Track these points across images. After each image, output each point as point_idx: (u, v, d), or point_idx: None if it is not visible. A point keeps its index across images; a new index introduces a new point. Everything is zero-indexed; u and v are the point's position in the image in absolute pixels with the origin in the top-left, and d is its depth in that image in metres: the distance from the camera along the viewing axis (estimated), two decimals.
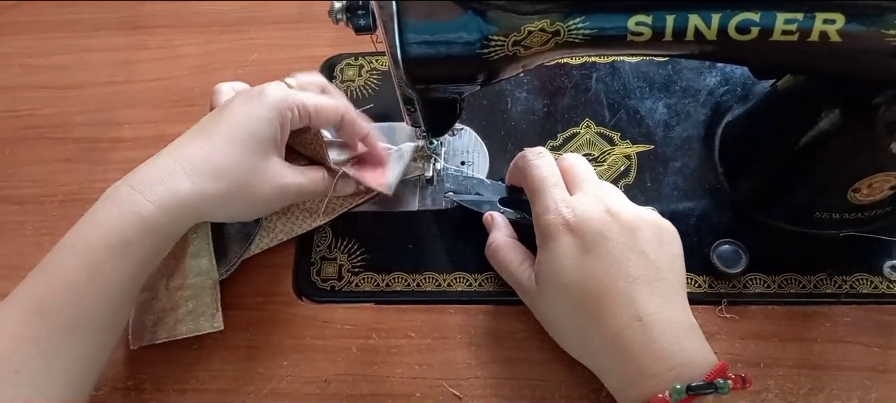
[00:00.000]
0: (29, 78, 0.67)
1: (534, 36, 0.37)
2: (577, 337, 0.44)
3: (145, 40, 0.68)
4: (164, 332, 0.49)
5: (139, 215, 0.41)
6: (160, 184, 0.42)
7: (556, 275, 0.43)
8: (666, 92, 0.58)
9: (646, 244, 0.42)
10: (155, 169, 0.43)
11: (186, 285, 0.49)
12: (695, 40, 0.37)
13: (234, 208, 0.46)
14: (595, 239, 0.42)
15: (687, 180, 0.54)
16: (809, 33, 0.36)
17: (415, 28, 0.36)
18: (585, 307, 0.42)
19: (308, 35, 0.66)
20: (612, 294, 0.41)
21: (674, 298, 0.41)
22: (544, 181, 0.45)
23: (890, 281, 0.49)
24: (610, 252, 0.41)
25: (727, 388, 0.37)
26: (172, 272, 0.49)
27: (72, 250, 0.41)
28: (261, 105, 0.45)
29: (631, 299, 0.40)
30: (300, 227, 0.53)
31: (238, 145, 0.44)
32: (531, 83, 0.60)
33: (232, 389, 0.49)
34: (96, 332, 0.42)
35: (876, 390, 0.45)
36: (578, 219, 0.43)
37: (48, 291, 0.41)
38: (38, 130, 0.63)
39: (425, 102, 0.44)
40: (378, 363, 0.49)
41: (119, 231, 0.41)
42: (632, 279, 0.41)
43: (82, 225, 0.42)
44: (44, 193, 0.60)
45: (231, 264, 0.51)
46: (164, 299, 0.49)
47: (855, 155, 0.45)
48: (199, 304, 0.49)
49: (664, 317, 0.40)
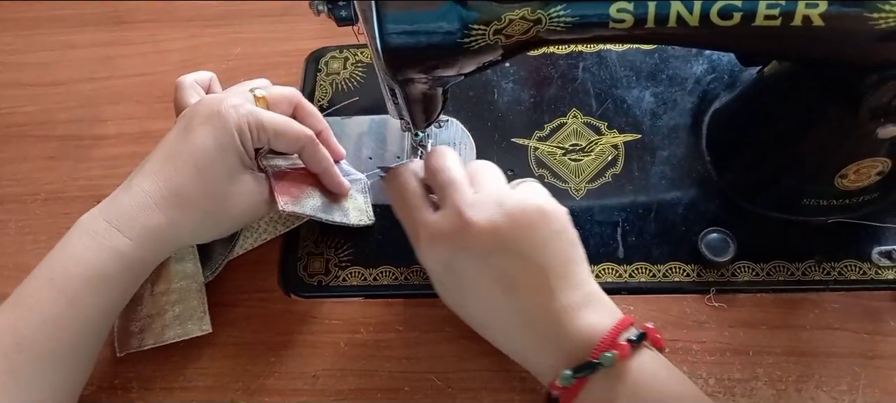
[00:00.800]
0: (10, 75, 0.66)
1: (515, 24, 0.36)
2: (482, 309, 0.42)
3: (128, 36, 0.67)
4: (151, 338, 0.48)
5: (118, 251, 0.42)
6: (136, 219, 0.43)
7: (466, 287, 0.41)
8: (653, 80, 0.58)
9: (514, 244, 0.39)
10: (129, 201, 0.43)
11: (172, 289, 0.48)
12: (677, 26, 0.36)
13: (211, 232, 0.47)
14: (454, 259, 0.40)
15: (674, 169, 0.54)
16: (792, 17, 0.35)
17: (394, 18, 0.36)
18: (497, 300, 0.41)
19: (292, 28, 0.65)
20: (497, 308, 0.40)
21: (560, 283, 0.39)
22: (410, 195, 0.44)
23: (878, 267, 0.48)
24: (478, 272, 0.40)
25: (611, 360, 0.37)
26: (157, 277, 0.48)
27: (50, 284, 0.42)
28: (222, 129, 0.44)
29: (515, 307, 0.40)
30: (284, 226, 0.53)
31: (203, 174, 0.43)
32: (517, 73, 0.60)
33: (220, 386, 0.49)
34: (74, 362, 0.43)
35: (865, 376, 0.45)
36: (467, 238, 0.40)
37: (25, 325, 0.41)
38: (21, 128, 0.63)
39: (409, 94, 0.44)
40: (366, 357, 0.49)
41: (98, 265, 0.42)
42: (511, 287, 0.39)
43: (59, 258, 0.42)
44: (26, 192, 0.59)
45: (216, 266, 0.51)
46: (149, 305, 0.49)
47: (841, 140, 0.45)
48: (186, 308, 0.48)
49: (553, 308, 0.39)
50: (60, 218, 0.57)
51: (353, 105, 0.60)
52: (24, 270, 0.55)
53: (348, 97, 0.60)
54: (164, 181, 0.43)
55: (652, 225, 0.52)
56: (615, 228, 0.52)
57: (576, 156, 0.55)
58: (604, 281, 0.50)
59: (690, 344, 0.47)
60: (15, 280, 0.54)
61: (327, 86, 0.61)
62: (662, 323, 0.48)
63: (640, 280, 0.50)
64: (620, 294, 0.49)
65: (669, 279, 0.49)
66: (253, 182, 0.46)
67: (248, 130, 0.45)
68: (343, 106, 0.60)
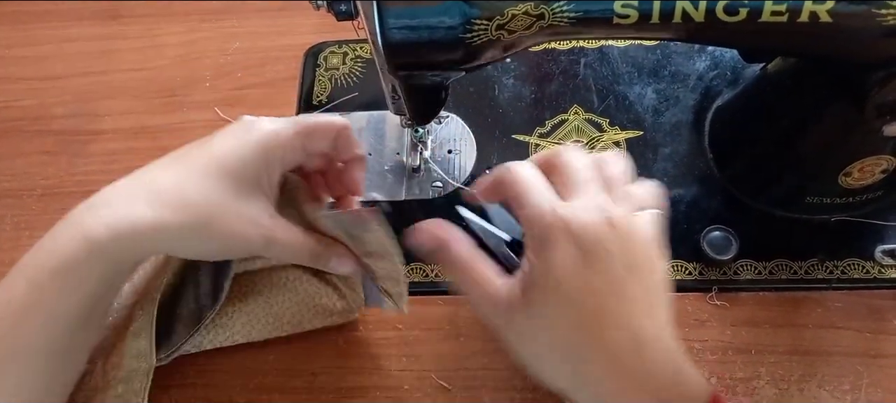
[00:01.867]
0: (6, 69, 0.65)
1: (518, 19, 0.36)
2: (569, 359, 0.38)
3: (125, 30, 0.67)
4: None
5: (87, 237, 0.38)
6: (116, 206, 0.39)
7: (558, 283, 0.37)
8: (655, 77, 0.58)
9: (644, 263, 0.38)
10: (117, 190, 0.40)
11: (122, 364, 0.44)
12: (682, 22, 0.36)
13: (193, 245, 0.41)
14: (596, 250, 0.37)
15: (676, 166, 0.54)
16: (799, 13, 0.35)
17: (395, 13, 0.35)
18: (585, 323, 0.37)
19: (290, 22, 0.65)
20: (610, 314, 0.37)
21: (666, 322, 0.38)
22: (533, 183, 0.39)
23: (881, 265, 0.48)
24: (609, 268, 0.37)
25: None
26: (111, 350, 0.44)
27: (22, 273, 0.39)
28: (247, 141, 0.40)
29: (628, 322, 0.36)
30: (260, 332, 0.48)
31: (211, 180, 0.39)
32: (519, 69, 0.59)
33: (218, 383, 0.48)
34: (38, 359, 0.40)
35: (867, 375, 0.45)
36: (578, 227, 0.37)
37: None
38: (16, 123, 0.62)
39: (409, 89, 0.43)
40: (365, 355, 0.48)
41: (64, 253, 0.38)
42: (630, 300, 0.37)
43: (36, 247, 0.40)
44: (22, 187, 0.58)
45: (173, 349, 0.46)
46: (98, 376, 0.44)
47: (846, 138, 0.45)
48: (127, 390, 0.44)
49: (662, 344, 0.37)
50: (57, 213, 0.56)
51: (351, 100, 0.59)
52: None
53: (347, 93, 0.59)
54: (167, 175, 0.40)
55: None
56: None
57: None
58: None
59: (692, 343, 0.47)
60: None
61: (326, 81, 0.61)
62: None
63: None
64: None
65: (671, 277, 0.49)
66: (260, 211, 0.40)
67: (281, 148, 0.41)
68: (342, 101, 0.59)
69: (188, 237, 0.40)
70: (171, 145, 0.61)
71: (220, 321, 0.47)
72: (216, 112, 0.60)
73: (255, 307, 0.47)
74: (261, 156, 0.40)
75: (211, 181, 0.39)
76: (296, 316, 0.47)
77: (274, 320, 0.47)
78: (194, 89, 0.62)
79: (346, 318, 0.48)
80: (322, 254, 0.42)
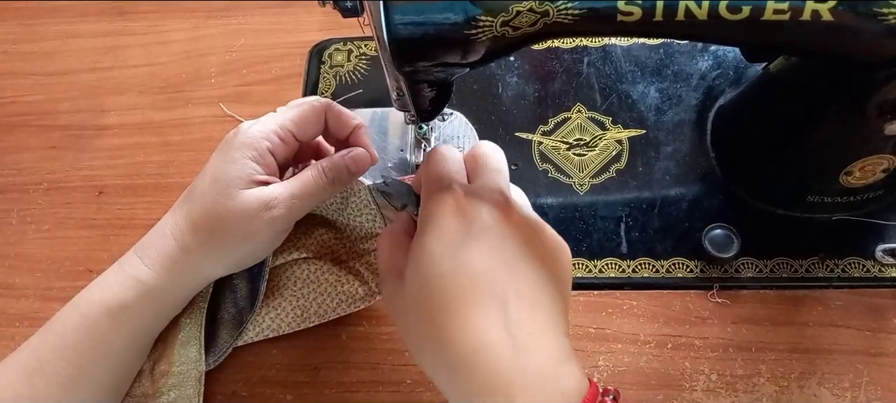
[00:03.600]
0: (13, 64, 0.66)
1: (522, 16, 0.36)
2: (429, 341, 0.35)
3: (131, 26, 0.67)
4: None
5: (136, 278, 0.43)
6: (154, 247, 0.43)
7: (428, 263, 0.35)
8: (658, 76, 0.58)
9: (539, 254, 0.36)
10: (153, 234, 0.44)
11: (173, 372, 0.47)
12: (686, 20, 0.36)
13: (222, 256, 0.43)
14: (483, 229, 0.35)
15: (679, 165, 0.54)
16: (801, 12, 0.35)
17: (401, 9, 0.35)
18: (448, 302, 0.34)
19: (296, 19, 0.65)
20: (486, 296, 0.34)
21: (555, 323, 0.35)
22: (441, 163, 0.39)
23: (882, 264, 0.48)
24: (496, 249, 0.35)
25: None
26: (160, 356, 0.47)
27: (76, 309, 0.43)
28: (230, 146, 0.42)
29: (506, 311, 0.33)
30: (289, 325, 0.49)
31: (207, 196, 0.42)
32: (522, 67, 0.59)
33: (221, 378, 0.49)
34: (94, 391, 0.43)
35: (867, 373, 0.45)
36: (470, 202, 0.36)
37: (49, 349, 0.42)
38: (23, 117, 0.63)
39: (413, 86, 0.44)
40: (368, 349, 0.49)
41: (118, 294, 0.43)
42: (515, 291, 0.34)
43: (91, 287, 0.44)
44: (29, 181, 0.59)
45: (221, 353, 0.48)
46: (147, 384, 0.47)
47: (847, 137, 0.45)
48: (180, 395, 0.47)
49: (544, 344, 0.33)
50: (62, 207, 0.57)
51: (356, 97, 0.59)
52: (25, 259, 0.55)
53: (352, 89, 0.60)
54: (182, 208, 0.43)
55: (655, 221, 0.51)
56: (619, 223, 0.52)
57: (580, 150, 0.55)
58: (607, 276, 0.50)
59: (693, 340, 0.47)
60: (17, 270, 0.55)
61: (331, 78, 0.61)
62: (665, 318, 0.48)
63: (644, 275, 0.50)
64: (623, 289, 0.49)
65: (672, 275, 0.49)
66: (255, 195, 0.41)
67: (267, 140, 0.42)
68: (346, 98, 0.59)
69: (212, 251, 0.43)
70: (176, 141, 0.62)
71: (254, 318, 0.49)
72: (221, 108, 0.61)
73: (282, 301, 0.49)
74: (245, 155, 0.42)
75: (206, 197, 0.42)
76: (321, 306, 0.49)
77: (301, 312, 0.49)
78: (200, 85, 0.63)
79: (367, 303, 0.49)
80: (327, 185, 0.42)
